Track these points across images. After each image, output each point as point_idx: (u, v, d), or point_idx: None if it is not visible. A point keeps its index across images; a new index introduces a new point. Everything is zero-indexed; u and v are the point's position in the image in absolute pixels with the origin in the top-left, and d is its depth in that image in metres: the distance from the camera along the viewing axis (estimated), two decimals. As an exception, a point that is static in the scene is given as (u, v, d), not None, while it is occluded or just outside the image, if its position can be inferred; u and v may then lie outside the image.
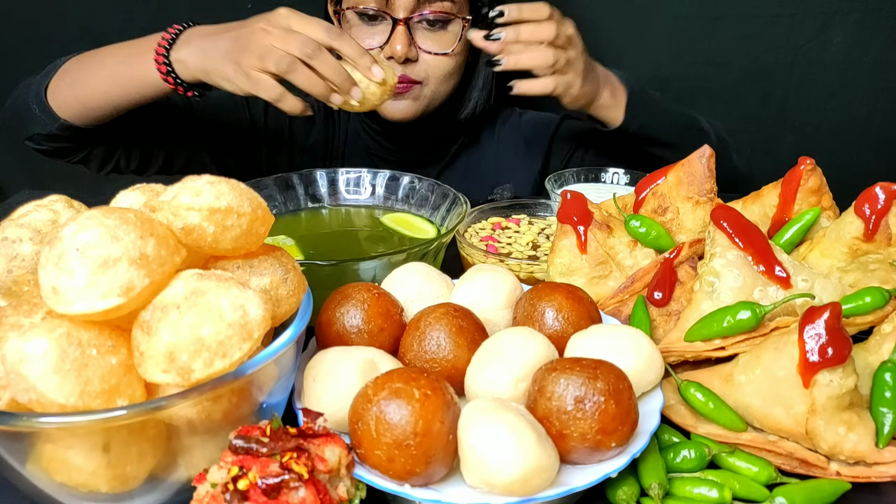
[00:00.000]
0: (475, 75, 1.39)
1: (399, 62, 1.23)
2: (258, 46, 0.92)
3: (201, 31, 1.01)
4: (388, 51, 1.23)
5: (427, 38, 1.25)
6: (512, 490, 0.51)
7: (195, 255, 0.56)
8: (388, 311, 0.69)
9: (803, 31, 1.75)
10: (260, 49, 0.92)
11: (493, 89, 1.40)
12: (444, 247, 0.94)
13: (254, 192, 0.57)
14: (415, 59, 1.25)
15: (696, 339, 0.71)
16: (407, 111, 1.30)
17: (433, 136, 1.44)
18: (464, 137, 1.48)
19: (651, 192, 0.90)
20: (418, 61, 1.26)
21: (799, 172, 0.85)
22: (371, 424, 0.52)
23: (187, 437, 0.51)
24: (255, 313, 0.50)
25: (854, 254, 0.78)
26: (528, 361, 0.60)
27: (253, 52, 0.92)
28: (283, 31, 0.93)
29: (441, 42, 1.26)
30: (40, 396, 0.44)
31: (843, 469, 0.62)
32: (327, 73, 0.93)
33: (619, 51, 1.82)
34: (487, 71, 1.38)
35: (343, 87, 0.95)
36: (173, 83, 1.02)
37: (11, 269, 0.56)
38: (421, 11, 1.22)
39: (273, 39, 0.92)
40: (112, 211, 0.49)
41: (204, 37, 1.00)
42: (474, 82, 1.40)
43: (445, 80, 1.30)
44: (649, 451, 0.61)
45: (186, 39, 1.01)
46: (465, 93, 1.40)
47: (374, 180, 1.09)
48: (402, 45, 1.21)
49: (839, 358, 0.59)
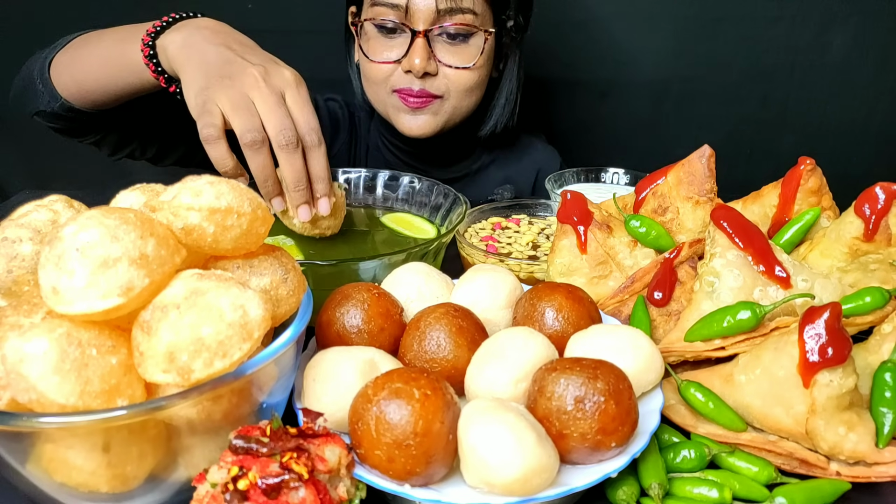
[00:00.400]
0: (498, 92, 1.36)
1: (417, 76, 1.20)
2: (238, 92, 0.78)
3: (202, 25, 0.89)
4: (407, 65, 1.19)
5: (448, 51, 1.21)
6: (512, 490, 0.51)
7: (195, 255, 0.56)
8: (388, 311, 0.69)
9: (803, 33, 1.76)
10: (238, 96, 0.78)
11: (516, 109, 1.37)
12: (444, 247, 0.94)
13: (254, 192, 0.57)
14: (434, 73, 1.22)
15: (696, 339, 0.71)
16: (426, 127, 1.27)
17: (453, 153, 1.41)
18: (485, 156, 1.45)
19: (651, 192, 0.90)
20: (438, 75, 1.22)
21: (799, 172, 0.85)
22: (371, 424, 0.52)
23: (187, 437, 0.51)
24: (255, 313, 0.50)
25: (854, 254, 0.78)
26: (528, 361, 0.60)
27: (227, 92, 0.78)
28: (276, 96, 0.79)
29: (462, 56, 1.22)
30: (40, 396, 0.44)
31: (843, 469, 0.62)
32: (289, 175, 0.81)
33: (620, 52, 1.83)
34: (511, 89, 1.35)
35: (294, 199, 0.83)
36: (154, 70, 0.90)
37: (11, 269, 0.56)
38: (441, 24, 1.18)
39: (258, 96, 0.78)
40: (112, 211, 0.49)
41: (200, 31, 0.87)
42: (496, 100, 1.36)
43: (467, 94, 1.26)
44: (649, 451, 0.61)
45: (180, 27, 0.89)
46: (487, 109, 1.36)
47: (374, 180, 1.09)
48: (420, 58, 1.18)
49: (839, 358, 0.59)
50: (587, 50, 1.81)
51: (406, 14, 1.17)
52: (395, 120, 1.29)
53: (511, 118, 1.37)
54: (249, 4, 1.73)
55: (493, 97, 1.36)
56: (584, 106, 1.89)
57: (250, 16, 1.71)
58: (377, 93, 1.28)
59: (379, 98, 1.29)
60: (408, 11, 1.17)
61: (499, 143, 1.43)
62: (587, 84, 1.86)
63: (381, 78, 1.25)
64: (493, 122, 1.36)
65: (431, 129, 1.27)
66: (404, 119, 1.27)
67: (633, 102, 1.88)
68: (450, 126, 1.30)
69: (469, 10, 1.18)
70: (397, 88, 1.24)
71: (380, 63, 1.23)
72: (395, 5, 1.17)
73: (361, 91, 1.37)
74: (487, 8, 1.22)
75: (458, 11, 1.17)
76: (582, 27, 1.79)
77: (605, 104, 1.89)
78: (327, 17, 1.34)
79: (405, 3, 1.16)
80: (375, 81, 1.26)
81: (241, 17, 1.52)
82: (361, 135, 1.45)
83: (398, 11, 1.18)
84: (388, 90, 1.26)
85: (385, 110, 1.30)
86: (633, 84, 1.85)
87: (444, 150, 1.38)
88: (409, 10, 1.17)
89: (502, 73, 1.35)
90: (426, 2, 1.16)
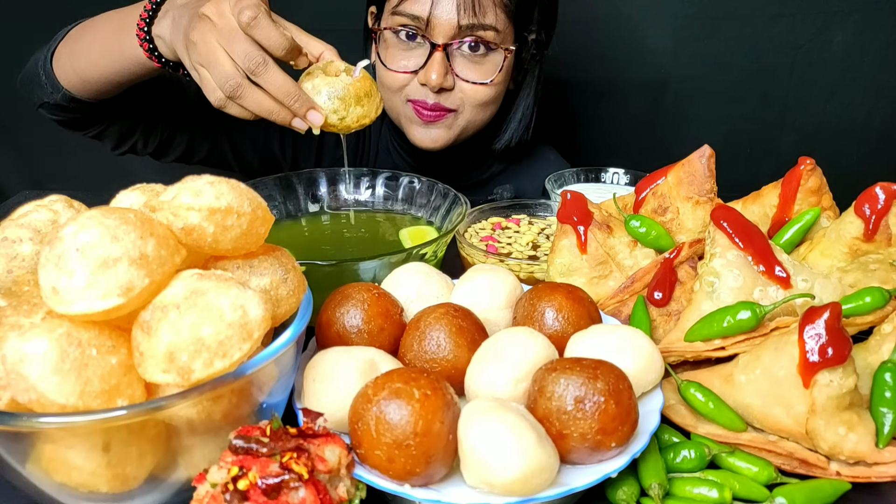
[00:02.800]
0: (515, 106, 1.34)
1: (433, 91, 1.18)
2: (203, 48, 0.77)
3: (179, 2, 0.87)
4: (423, 78, 1.18)
5: (466, 66, 1.19)
6: (512, 490, 0.51)
7: (195, 255, 0.56)
8: (388, 311, 0.69)
9: (803, 32, 1.76)
10: (204, 52, 0.77)
11: (532, 122, 1.35)
12: (444, 247, 0.94)
13: (254, 192, 0.57)
14: (450, 88, 1.20)
15: (696, 339, 0.71)
16: (438, 140, 1.25)
17: (465, 164, 1.39)
18: (497, 166, 1.43)
19: (651, 192, 0.90)
20: (454, 90, 1.20)
21: (799, 172, 0.85)
22: (371, 424, 0.52)
23: (187, 437, 0.51)
24: (255, 313, 0.50)
25: (854, 254, 0.78)
26: (528, 361, 0.60)
27: (198, 48, 0.77)
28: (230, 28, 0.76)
29: (480, 72, 1.20)
30: (40, 396, 0.44)
31: (843, 469, 0.62)
32: (276, 92, 0.77)
33: (620, 51, 1.82)
34: (528, 103, 1.33)
35: (297, 110, 0.79)
36: (158, 62, 0.91)
37: (11, 269, 0.56)
38: (461, 38, 1.16)
39: (216, 38, 0.76)
40: (112, 211, 0.49)
41: (178, 8, 0.85)
42: (513, 114, 1.34)
43: (481, 109, 1.24)
44: (649, 451, 0.61)
45: (164, 11, 0.88)
46: (502, 123, 1.34)
47: (374, 180, 1.09)
48: (437, 73, 1.15)
49: (839, 358, 0.59)
50: (586, 49, 1.81)
51: (427, 27, 1.16)
52: (408, 130, 1.28)
53: (526, 132, 1.36)
54: None
55: (509, 110, 1.34)
56: (583, 106, 1.89)
57: None
58: (391, 100, 1.27)
59: (393, 105, 1.27)
60: (429, 24, 1.15)
61: (511, 154, 1.41)
62: (586, 84, 1.86)
63: (396, 86, 1.23)
64: (509, 135, 1.34)
65: (444, 143, 1.26)
66: (416, 131, 1.26)
67: (633, 102, 1.88)
68: (463, 138, 1.29)
69: (491, 26, 1.16)
70: (412, 99, 1.23)
71: (396, 72, 1.22)
72: (416, 16, 1.15)
73: None
74: (510, 24, 1.20)
75: (480, 28, 1.16)
76: (581, 26, 1.79)
77: (605, 104, 1.89)
78: (331, 16, 1.34)
79: (427, 16, 1.14)
80: (391, 89, 1.24)
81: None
82: (372, 138, 1.43)
83: (419, 23, 1.16)
84: (403, 99, 1.24)
85: (398, 118, 1.29)
86: (633, 83, 1.85)
87: (455, 161, 1.37)
88: (430, 24, 1.15)
89: (520, 86, 1.33)
90: (448, 16, 1.14)
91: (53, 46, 1.05)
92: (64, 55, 1.03)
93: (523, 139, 1.36)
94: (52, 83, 1.04)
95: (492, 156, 1.41)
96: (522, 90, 1.33)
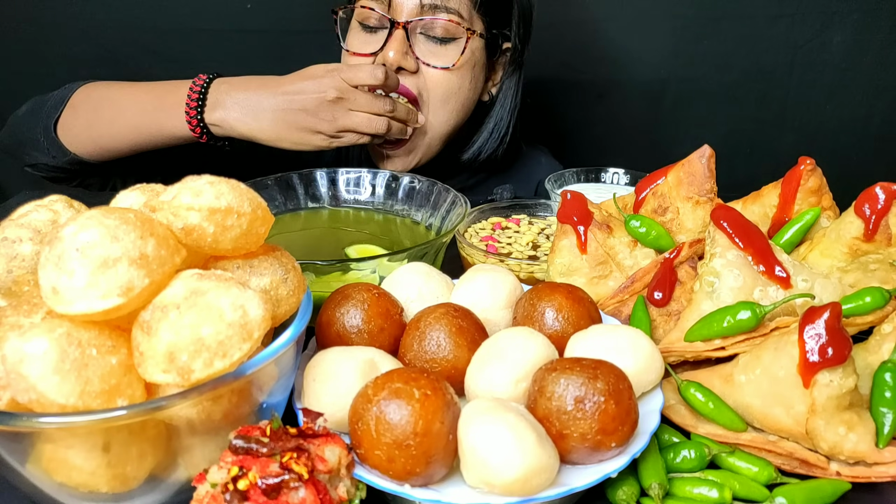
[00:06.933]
0: (487, 118, 1.31)
1: (392, 69, 1.14)
2: (348, 120, 1.04)
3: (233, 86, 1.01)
4: (381, 57, 1.16)
5: (429, 50, 1.18)
6: (512, 490, 0.51)
7: (195, 255, 0.56)
8: (388, 311, 0.69)
9: (803, 32, 1.76)
10: (350, 121, 1.04)
11: (507, 138, 1.32)
12: (444, 247, 0.94)
13: (254, 192, 0.57)
14: (413, 71, 1.18)
15: (696, 339, 0.71)
16: (403, 167, 1.24)
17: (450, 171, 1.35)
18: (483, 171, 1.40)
19: (651, 192, 0.90)
20: (417, 73, 1.18)
21: (799, 172, 0.85)
22: (371, 424, 0.52)
23: (187, 437, 0.51)
24: (255, 313, 0.50)
25: (854, 254, 0.78)
26: (528, 361, 0.60)
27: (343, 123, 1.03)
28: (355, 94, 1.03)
29: (443, 56, 1.18)
30: (40, 396, 0.44)
31: (843, 469, 0.62)
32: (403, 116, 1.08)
33: (620, 51, 1.83)
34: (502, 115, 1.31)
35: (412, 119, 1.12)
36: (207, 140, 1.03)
37: (11, 269, 0.56)
38: (422, 17, 1.15)
39: (361, 106, 1.04)
40: (112, 211, 0.49)
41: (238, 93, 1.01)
42: (484, 125, 1.32)
43: (443, 102, 1.21)
44: (649, 451, 0.61)
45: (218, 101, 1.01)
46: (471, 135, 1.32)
47: (374, 180, 1.09)
48: (395, 51, 1.13)
49: (839, 358, 0.59)
50: (585, 50, 1.81)
51: (389, 8, 1.15)
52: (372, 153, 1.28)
53: (499, 147, 1.32)
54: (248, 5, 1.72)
55: (479, 124, 1.32)
56: (582, 106, 1.89)
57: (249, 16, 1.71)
58: None
59: None
60: (391, 5, 1.15)
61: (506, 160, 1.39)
62: (586, 84, 1.86)
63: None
64: (477, 147, 1.31)
65: (411, 167, 1.25)
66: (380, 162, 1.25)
67: (632, 102, 1.88)
68: (426, 160, 1.27)
69: (455, 10, 1.15)
70: None
71: (357, 54, 1.19)
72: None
73: None
74: (478, 17, 1.19)
75: (444, 10, 1.15)
76: (580, 27, 1.79)
77: (604, 104, 1.89)
78: (326, 16, 1.34)
79: None
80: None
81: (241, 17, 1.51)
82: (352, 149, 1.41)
83: (382, 4, 1.15)
84: None
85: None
86: (632, 84, 1.85)
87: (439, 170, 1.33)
88: (393, 3, 1.15)
89: (494, 101, 1.31)
90: None
91: (56, 114, 1.07)
92: (77, 126, 1.07)
93: (495, 155, 1.33)
94: (56, 148, 1.07)
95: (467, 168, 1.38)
96: (497, 101, 1.31)
